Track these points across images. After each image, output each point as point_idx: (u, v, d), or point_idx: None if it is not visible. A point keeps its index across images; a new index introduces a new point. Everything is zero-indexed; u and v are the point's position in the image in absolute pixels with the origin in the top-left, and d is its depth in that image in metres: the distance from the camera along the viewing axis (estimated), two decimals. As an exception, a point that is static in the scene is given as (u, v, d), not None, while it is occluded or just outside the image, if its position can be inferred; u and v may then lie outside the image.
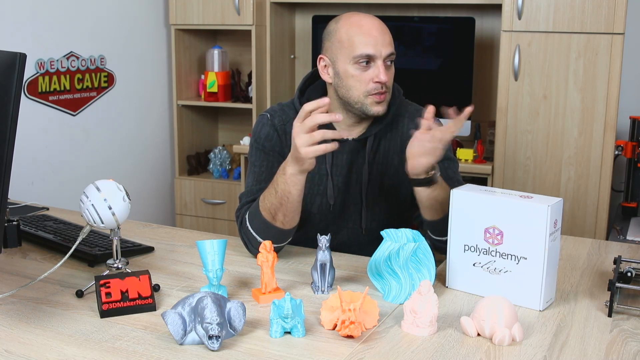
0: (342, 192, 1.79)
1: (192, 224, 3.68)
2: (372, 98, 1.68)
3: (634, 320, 1.33)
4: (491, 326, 1.23)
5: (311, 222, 1.82)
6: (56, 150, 3.08)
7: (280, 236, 1.64)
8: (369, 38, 1.65)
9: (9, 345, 1.22)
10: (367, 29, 1.66)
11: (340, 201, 1.80)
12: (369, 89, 1.67)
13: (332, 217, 1.81)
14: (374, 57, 1.65)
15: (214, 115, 3.93)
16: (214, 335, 1.18)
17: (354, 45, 1.65)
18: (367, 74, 1.66)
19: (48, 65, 2.99)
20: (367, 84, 1.66)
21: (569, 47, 2.81)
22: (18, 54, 1.22)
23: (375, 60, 1.65)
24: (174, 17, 3.53)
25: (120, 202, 1.41)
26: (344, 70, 1.68)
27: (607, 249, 1.77)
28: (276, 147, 1.77)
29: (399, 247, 1.39)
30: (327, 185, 1.78)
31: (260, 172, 1.75)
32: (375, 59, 1.65)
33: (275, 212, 1.59)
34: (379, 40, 1.65)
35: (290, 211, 1.59)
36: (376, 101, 1.68)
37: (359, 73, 1.66)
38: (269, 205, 1.60)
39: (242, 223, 1.68)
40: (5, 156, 1.23)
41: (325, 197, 1.79)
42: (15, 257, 1.69)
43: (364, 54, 1.65)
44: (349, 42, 1.66)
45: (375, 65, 1.66)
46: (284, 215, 1.59)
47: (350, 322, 1.23)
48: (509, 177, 2.98)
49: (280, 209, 1.59)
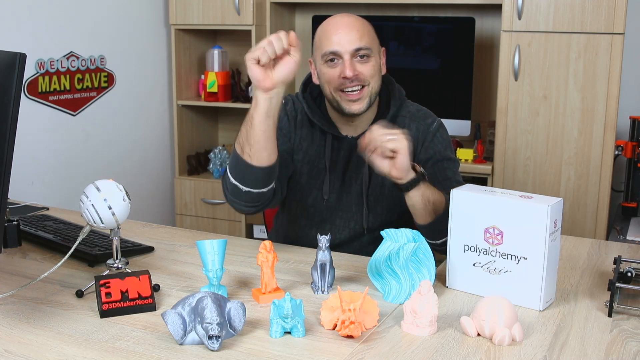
0: (338, 189, 1.80)
1: (192, 224, 3.68)
2: (345, 96, 1.70)
3: (634, 320, 1.33)
4: (491, 326, 1.23)
5: (307, 215, 1.83)
6: (56, 150, 3.08)
7: (248, 173, 1.60)
8: (334, 36, 1.68)
9: (9, 345, 1.22)
10: (333, 28, 1.70)
11: (338, 198, 1.80)
12: (337, 85, 1.69)
13: (328, 213, 1.81)
14: (339, 54, 1.68)
15: (214, 115, 3.93)
16: (214, 335, 1.18)
17: (321, 44, 1.71)
18: (334, 71, 1.69)
19: (48, 65, 2.99)
20: (335, 80, 1.69)
21: (569, 47, 2.81)
22: (18, 54, 1.22)
23: (341, 57, 1.68)
24: (174, 17, 3.53)
25: (120, 202, 1.41)
26: (320, 70, 1.73)
27: (607, 249, 1.77)
28: (284, 129, 1.80)
29: (399, 247, 1.39)
30: (324, 180, 1.79)
31: None
32: (341, 55, 1.68)
33: (243, 142, 1.59)
34: (343, 37, 1.68)
35: (254, 141, 1.56)
36: (349, 99, 1.70)
37: (327, 70, 1.70)
38: (239, 137, 1.60)
39: (224, 171, 1.69)
40: (5, 156, 1.23)
41: (321, 192, 1.80)
42: (15, 257, 1.69)
43: (328, 52, 1.69)
44: (319, 43, 1.72)
45: (341, 62, 1.68)
46: (250, 145, 1.57)
47: (350, 322, 1.23)
48: (509, 177, 2.98)
49: (246, 138, 1.58)
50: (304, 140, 1.81)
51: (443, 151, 1.78)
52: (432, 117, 1.83)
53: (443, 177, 1.74)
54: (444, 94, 3.24)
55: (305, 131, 1.82)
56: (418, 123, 1.80)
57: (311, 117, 1.79)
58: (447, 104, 3.21)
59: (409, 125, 1.79)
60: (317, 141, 1.81)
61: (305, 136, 1.81)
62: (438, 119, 1.83)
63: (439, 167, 1.76)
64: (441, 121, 1.84)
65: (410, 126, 1.79)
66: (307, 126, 1.82)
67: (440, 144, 1.79)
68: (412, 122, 1.80)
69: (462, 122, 3.18)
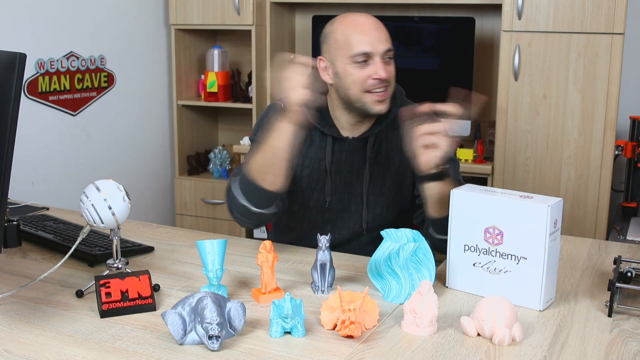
0: (340, 191, 1.79)
1: (192, 224, 3.68)
2: (371, 96, 1.68)
3: (634, 320, 1.33)
4: (491, 326, 1.23)
5: (309, 218, 1.82)
6: (56, 150, 3.08)
7: (265, 198, 1.62)
8: (365, 36, 1.66)
9: (9, 345, 1.22)
10: (362, 28, 1.67)
11: (339, 199, 1.80)
12: (367, 86, 1.67)
13: (330, 215, 1.81)
14: (372, 55, 1.66)
15: (214, 115, 3.93)
16: (214, 335, 1.18)
17: (351, 44, 1.66)
18: (365, 72, 1.67)
19: (48, 65, 2.99)
20: (366, 81, 1.67)
21: (569, 47, 2.81)
22: (18, 54, 1.22)
23: (372, 57, 1.66)
24: (174, 17, 3.53)
25: (120, 202, 1.41)
26: (343, 70, 1.69)
27: (607, 249, 1.77)
28: None
29: (399, 247, 1.39)
30: (326, 182, 1.79)
31: None
32: (372, 56, 1.66)
33: (260, 168, 1.59)
34: (375, 37, 1.66)
35: (276, 169, 1.58)
36: (376, 99, 1.69)
37: (357, 71, 1.67)
38: (255, 161, 1.60)
39: (228, 187, 1.68)
40: (5, 156, 1.23)
41: (323, 194, 1.80)
42: (15, 257, 1.69)
43: (361, 52, 1.65)
44: (346, 42, 1.67)
45: (374, 62, 1.66)
46: (270, 173, 1.58)
47: (350, 322, 1.23)
48: (509, 177, 2.98)
49: (265, 165, 1.58)
50: (303, 143, 1.80)
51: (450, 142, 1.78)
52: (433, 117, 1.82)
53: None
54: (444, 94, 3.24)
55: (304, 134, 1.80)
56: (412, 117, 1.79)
57: (311, 119, 1.78)
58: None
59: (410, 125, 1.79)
60: (317, 143, 1.80)
61: (304, 139, 1.80)
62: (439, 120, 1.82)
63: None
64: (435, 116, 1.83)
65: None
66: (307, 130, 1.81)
67: None
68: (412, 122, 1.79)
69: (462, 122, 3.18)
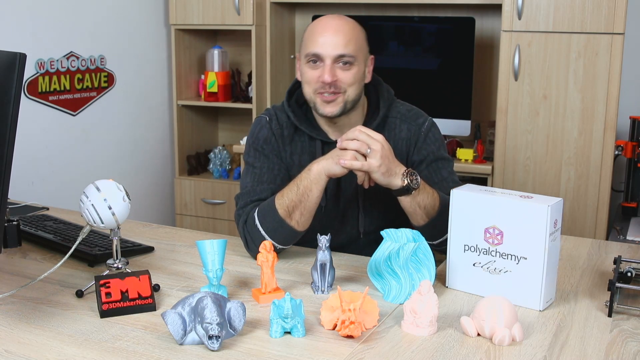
0: (334, 195, 1.78)
1: (192, 224, 3.68)
2: (320, 97, 1.69)
3: (634, 320, 1.33)
4: (491, 326, 1.23)
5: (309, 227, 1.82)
6: (56, 150, 3.08)
7: (290, 236, 1.65)
8: (320, 38, 1.67)
9: (9, 345, 1.22)
10: (320, 29, 1.69)
11: (334, 204, 1.79)
12: (316, 87, 1.69)
13: (327, 220, 1.79)
14: (321, 57, 1.67)
15: (214, 115, 3.93)
16: (214, 335, 1.18)
17: (307, 44, 1.70)
18: (314, 73, 1.68)
19: (48, 65, 2.99)
20: (316, 82, 1.68)
21: (569, 47, 2.81)
22: (18, 54, 1.22)
23: (323, 60, 1.67)
24: (174, 17, 3.53)
25: (120, 202, 1.41)
26: (302, 68, 1.73)
27: (607, 249, 1.77)
28: (274, 151, 1.77)
29: (399, 247, 1.39)
30: None
31: (262, 174, 1.75)
32: (322, 59, 1.67)
33: (293, 209, 1.61)
34: (329, 41, 1.66)
35: (307, 211, 1.61)
36: (323, 101, 1.69)
37: (309, 71, 1.70)
38: (288, 202, 1.61)
39: (246, 222, 1.67)
40: (5, 156, 1.23)
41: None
42: (15, 257, 1.69)
43: (311, 53, 1.68)
44: (305, 42, 1.71)
45: (323, 65, 1.67)
46: (301, 214, 1.61)
47: (350, 322, 1.23)
48: (509, 177, 2.98)
49: (298, 206, 1.60)
50: (294, 154, 1.78)
51: (436, 151, 1.77)
52: (424, 116, 1.81)
53: (439, 177, 1.74)
54: (444, 94, 3.24)
55: (294, 144, 1.79)
56: (409, 124, 1.78)
57: (298, 124, 1.76)
58: (447, 104, 3.21)
59: (400, 126, 1.77)
60: (307, 149, 1.78)
61: (295, 149, 1.78)
62: (429, 119, 1.81)
63: (434, 168, 1.75)
64: (432, 120, 1.82)
65: (401, 127, 1.77)
66: (294, 139, 1.79)
67: (433, 144, 1.77)
68: (402, 123, 1.78)
69: (462, 122, 3.18)
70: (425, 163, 1.75)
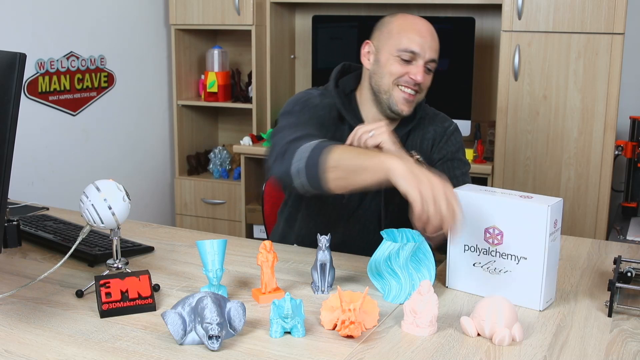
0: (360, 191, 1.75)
1: (192, 224, 3.68)
2: (400, 93, 1.70)
3: (634, 320, 1.33)
4: (491, 326, 1.23)
5: (325, 213, 1.81)
6: (56, 150, 3.08)
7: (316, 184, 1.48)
8: (419, 37, 1.70)
9: (9, 345, 1.22)
10: (419, 29, 1.72)
11: (358, 199, 1.79)
12: (401, 80, 1.70)
13: (346, 213, 1.79)
14: (417, 56, 1.69)
15: (214, 115, 3.93)
16: (214, 335, 1.18)
17: (402, 38, 1.70)
18: (404, 68, 1.70)
19: (48, 65, 2.99)
20: (402, 75, 1.70)
21: (569, 47, 2.81)
22: (18, 54, 1.22)
23: (417, 59, 1.69)
24: (174, 17, 3.53)
25: (120, 202, 1.41)
26: (386, 59, 1.71)
27: (607, 249, 1.77)
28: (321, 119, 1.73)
29: (399, 247, 1.39)
30: None
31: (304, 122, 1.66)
32: (417, 58, 1.69)
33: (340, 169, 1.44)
34: (427, 42, 1.70)
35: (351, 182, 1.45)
36: (404, 97, 1.71)
37: (397, 65, 1.70)
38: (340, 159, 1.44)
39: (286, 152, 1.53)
40: (5, 156, 1.23)
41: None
42: (15, 257, 1.69)
43: (409, 49, 1.69)
44: (399, 35, 1.71)
45: (416, 64, 1.69)
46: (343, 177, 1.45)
47: (350, 322, 1.23)
48: (509, 177, 2.98)
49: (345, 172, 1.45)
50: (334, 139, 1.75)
51: (455, 152, 1.81)
52: (449, 120, 1.86)
53: (451, 175, 1.74)
54: (444, 94, 3.24)
55: (334, 129, 1.77)
56: (436, 125, 1.83)
57: (344, 113, 1.76)
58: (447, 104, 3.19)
59: (427, 127, 1.82)
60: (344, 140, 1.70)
61: (335, 135, 1.76)
62: (454, 123, 1.86)
63: (448, 166, 1.78)
64: (457, 125, 1.87)
65: (428, 128, 1.82)
66: (336, 125, 1.78)
67: (453, 145, 1.81)
68: (430, 124, 1.82)
69: (462, 122, 3.18)
70: (442, 161, 1.79)
